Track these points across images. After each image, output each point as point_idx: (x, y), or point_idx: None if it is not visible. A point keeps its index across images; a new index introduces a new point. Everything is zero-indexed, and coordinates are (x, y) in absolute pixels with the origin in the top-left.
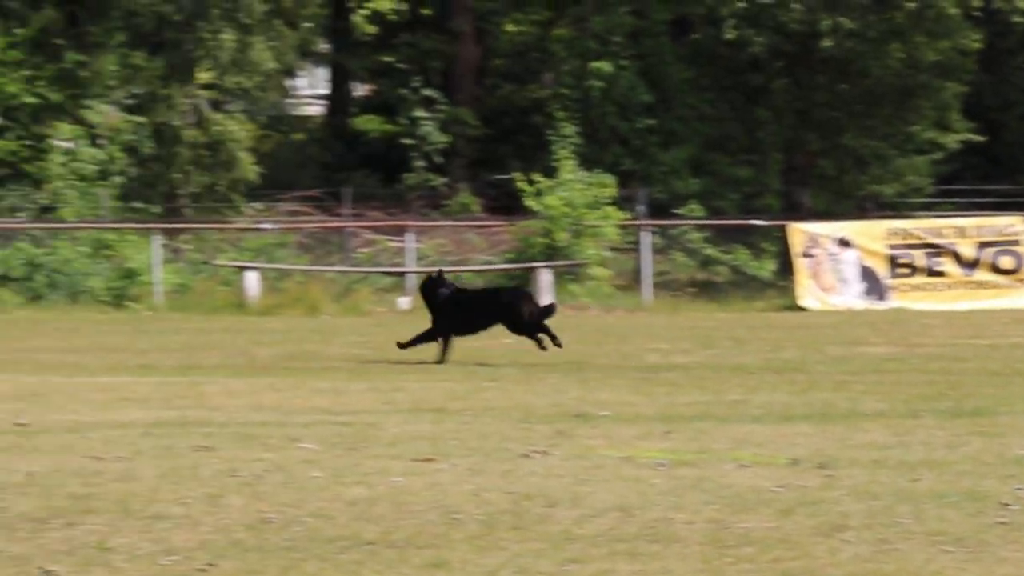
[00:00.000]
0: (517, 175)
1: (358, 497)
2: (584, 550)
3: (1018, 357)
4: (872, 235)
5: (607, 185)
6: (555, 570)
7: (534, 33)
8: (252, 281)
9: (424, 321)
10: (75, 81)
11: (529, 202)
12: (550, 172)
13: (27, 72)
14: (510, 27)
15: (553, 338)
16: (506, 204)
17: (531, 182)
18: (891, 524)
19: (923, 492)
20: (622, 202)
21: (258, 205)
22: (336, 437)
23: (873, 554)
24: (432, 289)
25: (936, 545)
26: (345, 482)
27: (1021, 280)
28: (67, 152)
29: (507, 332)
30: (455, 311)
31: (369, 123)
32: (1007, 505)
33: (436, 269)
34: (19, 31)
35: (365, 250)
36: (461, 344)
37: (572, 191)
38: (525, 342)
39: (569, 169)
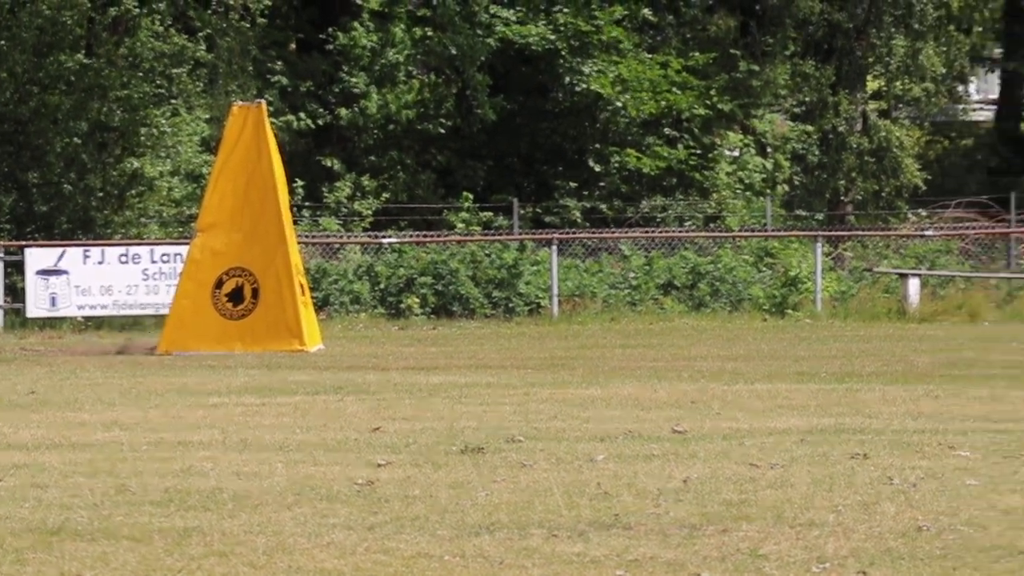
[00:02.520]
0: None
1: (1014, 506)
2: None
3: None
4: None
5: None
6: None
7: None
8: (913, 288)
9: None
10: (746, 91)
11: None
12: None
13: (699, 82)
14: None
15: None
16: None
17: None
18: None
19: None
20: None
21: (922, 212)
22: (993, 445)
23: None
24: None
25: None
26: (1001, 491)
27: None
28: (734, 161)
29: None
30: None
31: None
32: None
33: None
34: (698, 56)
35: None
36: None
37: None
38: None
39: None
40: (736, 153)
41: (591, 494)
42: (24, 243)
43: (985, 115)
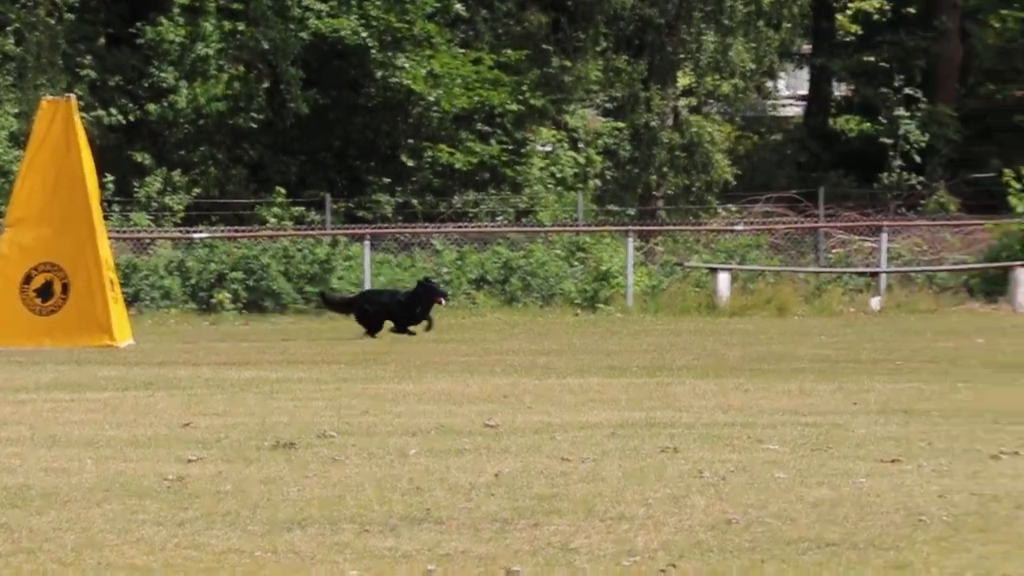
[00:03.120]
0: (1007, 172)
1: (821, 498)
2: None
3: None
4: None
5: None
6: (1022, 572)
7: (1019, 29)
8: (723, 282)
9: None
10: (558, 86)
11: (1014, 200)
12: None
13: (512, 78)
14: (995, 23)
15: None
16: (984, 203)
17: (1020, 179)
18: None
19: None
20: None
21: (732, 207)
22: (802, 438)
23: None
24: None
25: None
26: (809, 483)
27: None
28: (546, 156)
29: None
30: None
31: (848, 123)
32: None
33: None
34: (510, 52)
35: (838, 250)
36: (932, 344)
37: None
38: None
39: None
40: (548, 148)
41: (403, 489)
42: None
43: (794, 110)
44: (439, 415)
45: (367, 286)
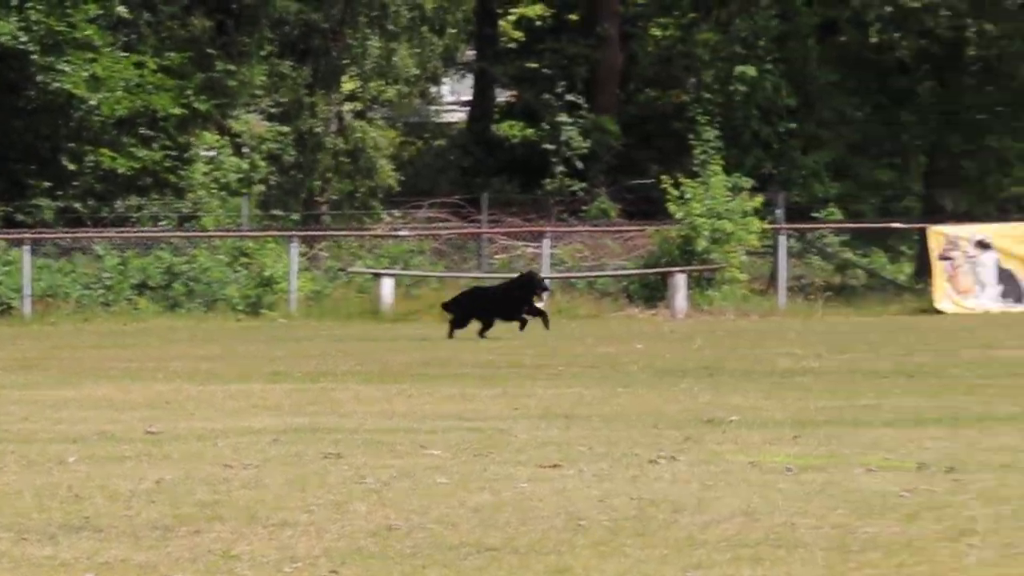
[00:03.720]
0: (665, 178)
1: (483, 503)
2: (708, 555)
3: None
4: (1013, 237)
5: (755, 200)
6: None
7: (678, 37)
8: (387, 288)
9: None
10: (223, 91)
11: (672, 207)
12: (691, 178)
13: (175, 82)
14: (655, 32)
15: None
16: (644, 209)
17: (677, 185)
18: (1019, 528)
19: None
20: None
21: (396, 212)
22: (464, 443)
23: (999, 559)
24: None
25: None
26: (470, 488)
27: None
28: (210, 161)
29: None
30: None
31: (511, 129)
32: None
33: None
34: (173, 55)
35: (501, 256)
36: (593, 349)
37: (717, 198)
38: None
39: (715, 172)
40: (212, 153)
41: (62, 497)
42: None
43: (458, 116)
44: (100, 422)
45: (27, 291)
